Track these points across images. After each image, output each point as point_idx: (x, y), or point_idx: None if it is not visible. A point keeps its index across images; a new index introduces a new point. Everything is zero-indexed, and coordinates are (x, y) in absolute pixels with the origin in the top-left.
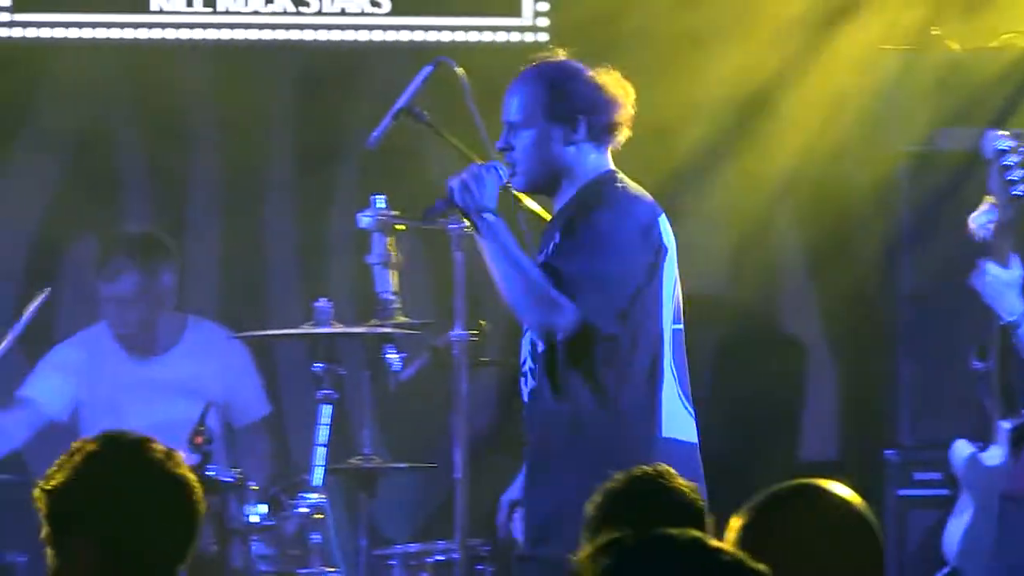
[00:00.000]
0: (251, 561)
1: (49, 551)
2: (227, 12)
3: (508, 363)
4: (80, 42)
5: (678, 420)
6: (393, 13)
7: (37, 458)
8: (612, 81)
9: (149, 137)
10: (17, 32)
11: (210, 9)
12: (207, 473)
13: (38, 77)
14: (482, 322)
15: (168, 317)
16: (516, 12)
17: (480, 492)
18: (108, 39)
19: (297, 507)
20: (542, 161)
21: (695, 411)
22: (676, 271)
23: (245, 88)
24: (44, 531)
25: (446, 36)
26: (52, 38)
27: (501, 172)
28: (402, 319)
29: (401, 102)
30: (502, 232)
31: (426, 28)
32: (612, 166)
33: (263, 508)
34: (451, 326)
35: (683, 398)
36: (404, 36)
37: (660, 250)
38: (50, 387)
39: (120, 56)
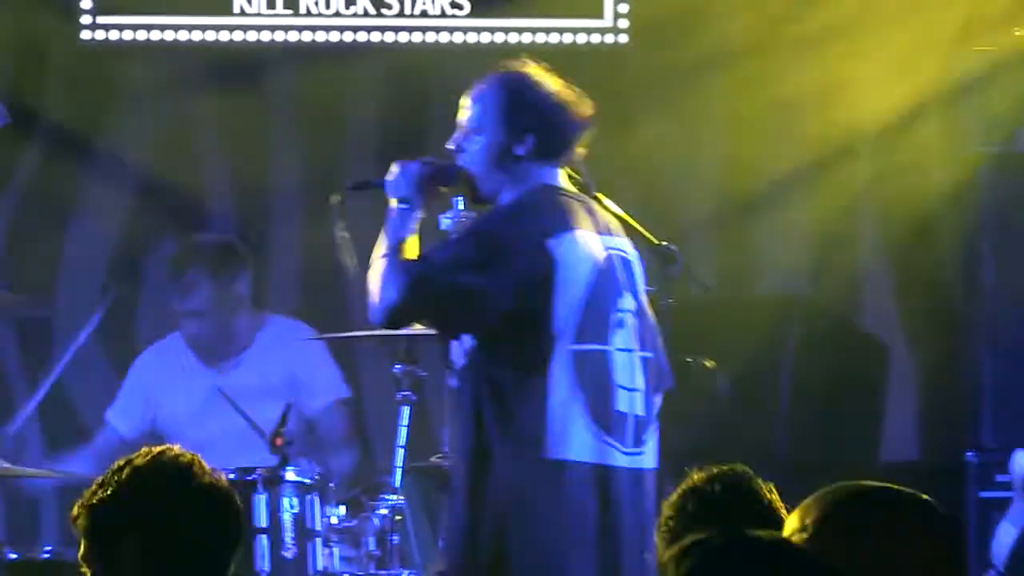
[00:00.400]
0: (331, 563)
1: (87, 569)
2: (309, 14)
3: None
4: (161, 44)
5: (577, 441)
6: (473, 15)
7: None
8: (571, 99)
9: (230, 139)
10: (99, 34)
11: (291, 11)
12: (286, 474)
13: (119, 80)
14: None
15: (243, 320)
16: (597, 14)
17: None
18: (190, 41)
19: (377, 508)
20: (488, 169)
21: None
22: (588, 291)
23: (326, 90)
24: (83, 548)
25: (526, 38)
26: (134, 40)
27: (437, 170)
28: None
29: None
30: (399, 223)
31: (506, 30)
32: (557, 182)
33: (342, 509)
34: None
35: (595, 419)
36: (484, 38)
37: (547, 270)
38: (125, 408)
39: (201, 58)
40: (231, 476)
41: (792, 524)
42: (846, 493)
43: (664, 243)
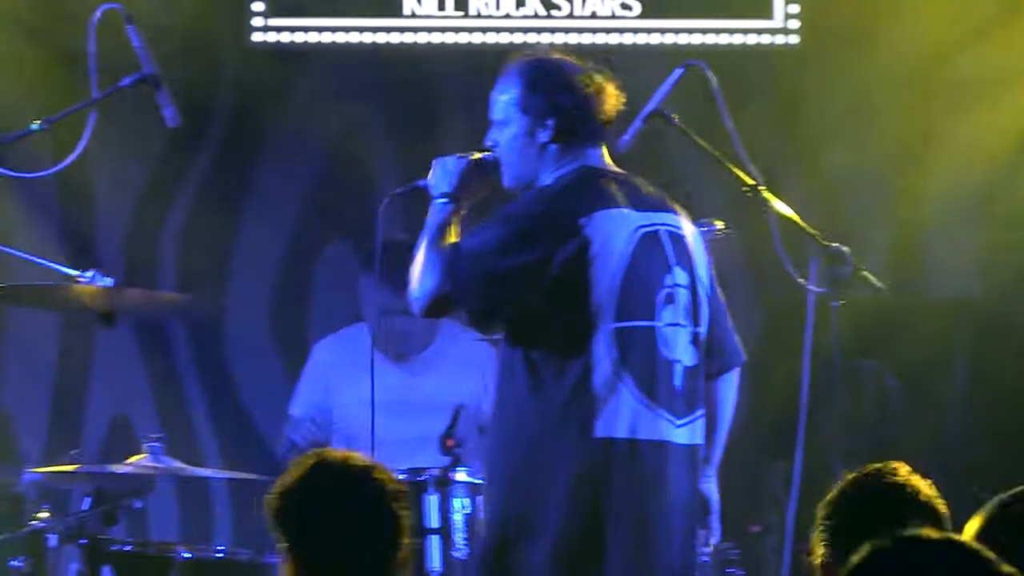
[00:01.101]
0: None
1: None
2: (479, 16)
3: (758, 366)
4: (333, 47)
5: (625, 419)
6: (643, 16)
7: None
8: (591, 82)
9: (401, 141)
10: (271, 37)
11: (462, 13)
12: (457, 475)
13: (291, 81)
14: None
15: (424, 323)
16: (767, 14)
17: (729, 495)
18: (360, 43)
19: None
20: (519, 158)
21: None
22: (626, 268)
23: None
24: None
25: (696, 38)
26: (305, 43)
27: (475, 164)
28: None
29: (652, 105)
30: (439, 216)
31: (676, 31)
32: (594, 162)
33: None
34: None
35: (645, 398)
36: (655, 39)
37: (582, 249)
38: (307, 402)
39: (372, 60)
40: (403, 476)
41: (970, 527)
42: (1017, 495)
43: (834, 244)
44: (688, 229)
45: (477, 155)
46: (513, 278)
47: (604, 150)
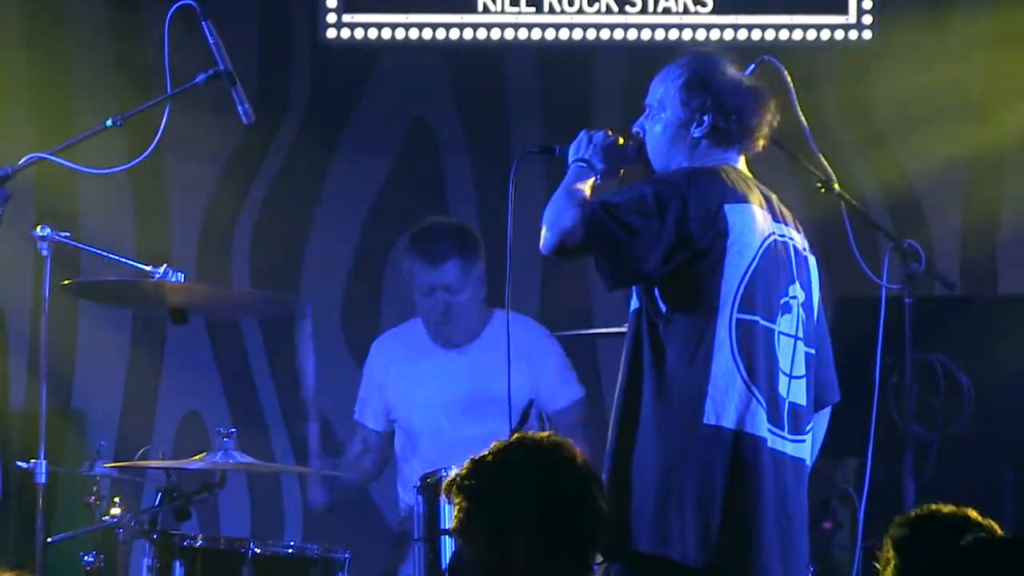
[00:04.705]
0: None
1: (461, 542)
2: (551, 11)
3: None
4: (406, 42)
5: (735, 410)
6: (716, 11)
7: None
8: (752, 88)
9: (473, 137)
10: (344, 33)
11: (534, 9)
12: None
13: (364, 78)
14: None
15: (479, 312)
16: (841, 10)
17: None
18: (434, 39)
19: None
20: (667, 149)
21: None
22: (758, 263)
23: (568, 87)
24: (455, 522)
25: (770, 34)
26: (378, 39)
27: (617, 143)
28: None
29: None
30: (577, 175)
31: (749, 27)
32: (735, 164)
33: None
34: None
35: (757, 392)
36: (728, 34)
37: (721, 232)
38: (367, 403)
39: (445, 56)
40: None
41: None
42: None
43: (907, 240)
44: (809, 254)
45: (622, 139)
46: (649, 241)
47: (743, 161)
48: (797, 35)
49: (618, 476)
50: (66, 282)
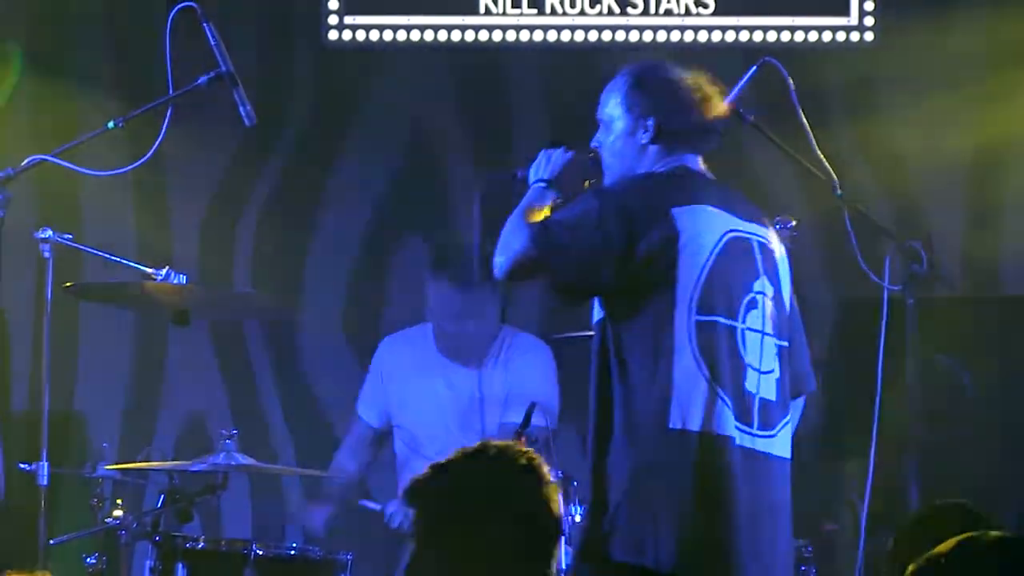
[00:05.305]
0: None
1: (421, 548)
2: (553, 14)
3: (832, 364)
4: (408, 44)
5: (700, 412)
6: (718, 13)
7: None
8: (696, 88)
9: (476, 139)
10: (346, 35)
11: (536, 11)
12: None
13: (366, 80)
14: None
15: (486, 326)
16: (843, 12)
17: (803, 493)
18: (436, 41)
19: None
20: (619, 157)
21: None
22: (713, 263)
23: (571, 90)
24: (415, 529)
25: (771, 36)
26: (380, 41)
27: (578, 158)
28: None
29: (726, 102)
30: (535, 196)
31: (751, 28)
32: (692, 166)
33: None
34: None
35: (722, 392)
36: (729, 36)
37: (670, 237)
38: (369, 399)
39: (447, 58)
40: None
41: None
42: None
43: (909, 241)
44: (777, 246)
45: (581, 153)
46: (599, 252)
47: (702, 159)
48: (799, 37)
49: (594, 486)
50: (68, 284)
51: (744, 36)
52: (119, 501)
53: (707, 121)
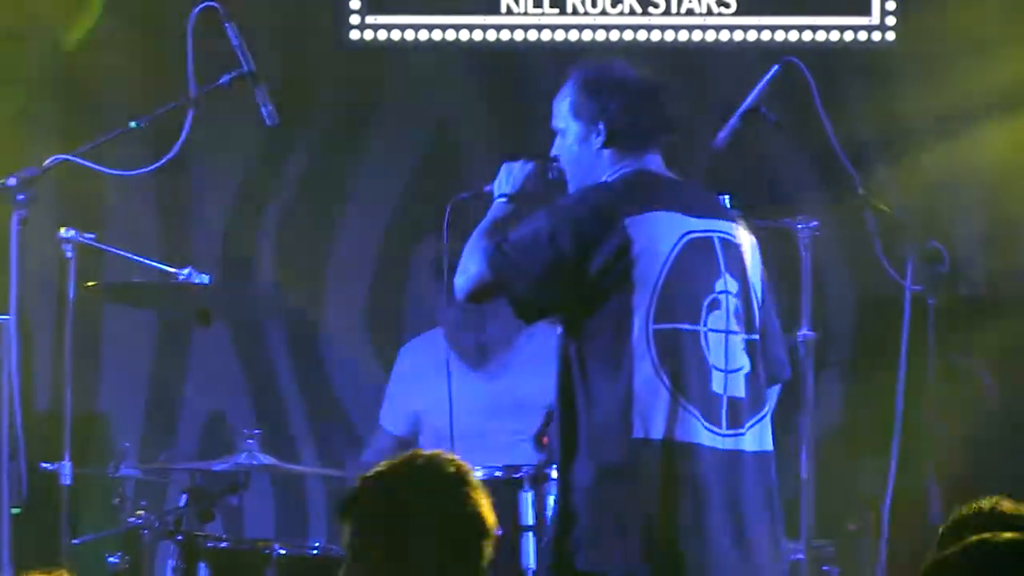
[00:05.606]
0: None
1: (354, 563)
2: (575, 13)
3: (854, 363)
4: (429, 43)
5: (662, 420)
6: (740, 13)
7: None
8: (640, 81)
9: (497, 138)
10: (368, 34)
11: (558, 10)
12: (552, 472)
13: (388, 79)
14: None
15: (504, 327)
16: (865, 11)
17: (825, 493)
18: (457, 40)
19: None
20: (576, 164)
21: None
22: (668, 270)
23: None
24: (347, 543)
25: (793, 35)
26: (401, 40)
27: (539, 168)
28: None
29: (748, 102)
30: (495, 213)
31: (773, 27)
32: (649, 166)
33: None
34: (798, 326)
35: (685, 399)
36: (751, 36)
37: (623, 247)
38: (393, 408)
39: (469, 58)
40: (498, 474)
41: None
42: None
43: (931, 241)
44: (744, 237)
45: (542, 163)
46: (553, 269)
47: (661, 156)
48: (820, 36)
49: (560, 497)
50: (91, 284)
51: (766, 35)
52: (141, 501)
53: (659, 117)
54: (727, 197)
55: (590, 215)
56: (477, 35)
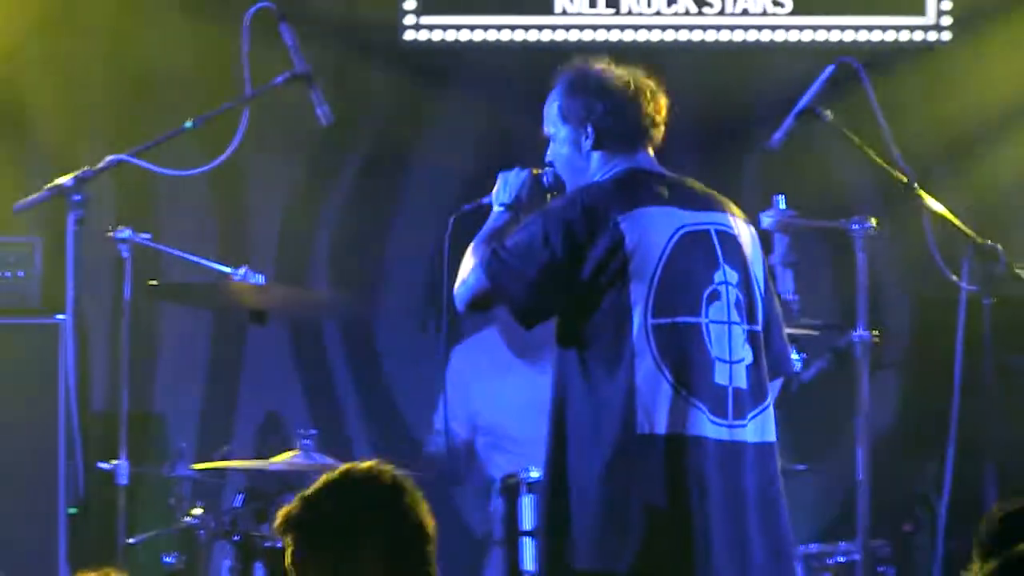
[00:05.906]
0: None
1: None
2: (630, 13)
3: (909, 365)
4: (483, 44)
5: (665, 414)
6: (795, 12)
7: None
8: (628, 85)
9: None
10: (423, 35)
11: (613, 10)
12: None
13: (442, 79)
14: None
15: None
16: (919, 11)
17: (881, 493)
18: (512, 41)
19: None
20: (569, 168)
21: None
22: (664, 265)
23: None
24: (291, 560)
25: (848, 35)
26: (457, 41)
27: (535, 177)
28: (804, 320)
29: (804, 102)
30: (494, 222)
31: (828, 27)
32: (641, 165)
33: None
34: (852, 327)
35: (688, 392)
36: (806, 36)
37: (616, 245)
38: (451, 412)
39: (523, 58)
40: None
41: None
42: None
43: (987, 241)
44: (743, 229)
45: (537, 170)
46: (549, 273)
47: (652, 153)
48: (875, 36)
49: (553, 495)
50: (152, 283)
51: (821, 35)
52: (198, 500)
53: (646, 115)
54: (782, 197)
55: (582, 215)
56: (532, 35)
